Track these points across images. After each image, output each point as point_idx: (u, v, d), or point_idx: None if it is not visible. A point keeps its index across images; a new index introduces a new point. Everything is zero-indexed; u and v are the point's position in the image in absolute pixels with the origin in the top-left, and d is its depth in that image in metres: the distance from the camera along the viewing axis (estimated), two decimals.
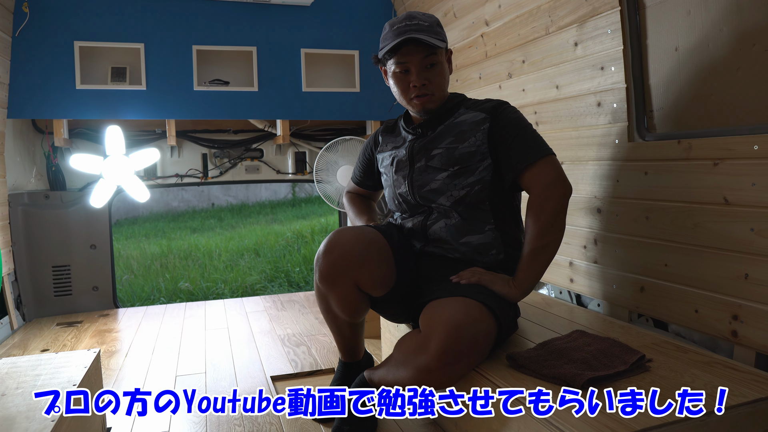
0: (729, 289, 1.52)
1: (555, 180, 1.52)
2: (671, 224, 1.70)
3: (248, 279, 7.13)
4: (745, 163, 1.46)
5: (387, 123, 1.88)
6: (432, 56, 1.60)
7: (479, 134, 1.61)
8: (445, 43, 1.63)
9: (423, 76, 1.60)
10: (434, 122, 1.69)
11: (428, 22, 1.61)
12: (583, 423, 1.12)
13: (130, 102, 3.11)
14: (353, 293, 1.59)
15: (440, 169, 1.64)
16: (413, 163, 1.69)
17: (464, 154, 1.61)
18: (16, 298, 2.99)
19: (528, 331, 1.74)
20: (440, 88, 1.65)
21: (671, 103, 1.76)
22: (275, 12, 3.32)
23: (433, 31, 1.59)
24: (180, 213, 12.72)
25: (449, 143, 1.63)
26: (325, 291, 1.61)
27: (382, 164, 1.83)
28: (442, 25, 1.66)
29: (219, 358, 2.43)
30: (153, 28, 3.12)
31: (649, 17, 1.79)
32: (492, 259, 1.64)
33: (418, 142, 1.69)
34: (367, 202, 2.04)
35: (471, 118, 1.63)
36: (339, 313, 1.66)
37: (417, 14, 1.62)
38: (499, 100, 1.67)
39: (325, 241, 1.59)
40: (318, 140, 3.75)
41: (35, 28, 2.92)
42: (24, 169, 3.16)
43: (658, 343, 1.57)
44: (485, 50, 2.63)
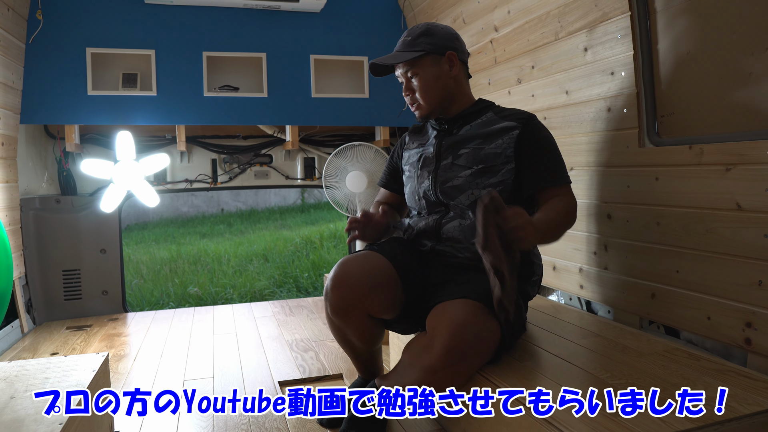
0: (742, 295, 1.50)
1: (574, 207, 1.64)
2: (683, 230, 1.68)
3: (257, 284, 7.14)
4: (758, 168, 1.44)
5: (414, 126, 1.93)
6: (410, 69, 1.69)
7: (507, 138, 1.64)
8: (423, 52, 1.66)
9: (407, 88, 1.72)
10: (460, 121, 1.73)
11: (412, 35, 1.69)
12: (583, 423, 1.11)
13: (140, 108, 3.13)
14: (367, 323, 1.63)
15: (465, 166, 1.67)
16: (439, 161, 1.72)
17: (489, 155, 1.64)
18: (26, 301, 3.01)
19: (538, 337, 1.73)
20: (426, 95, 1.70)
21: (682, 108, 1.74)
22: (285, 18, 3.33)
23: (412, 44, 1.68)
24: (190, 218, 12.79)
25: (477, 144, 1.67)
26: (340, 324, 1.64)
27: (408, 162, 1.85)
28: (431, 32, 1.69)
29: (227, 362, 2.43)
30: (163, 34, 3.14)
31: (660, 22, 1.78)
32: None
33: (446, 140, 1.73)
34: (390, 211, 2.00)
35: (501, 125, 1.67)
36: (357, 343, 1.70)
37: (413, 29, 1.72)
38: (529, 113, 1.71)
39: (331, 275, 1.61)
40: (327, 146, 3.76)
41: (48, 35, 2.95)
42: (36, 173, 3.19)
43: (670, 350, 1.55)
44: (494, 56, 2.63)
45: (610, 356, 1.53)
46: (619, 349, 1.60)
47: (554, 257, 2.30)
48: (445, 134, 1.75)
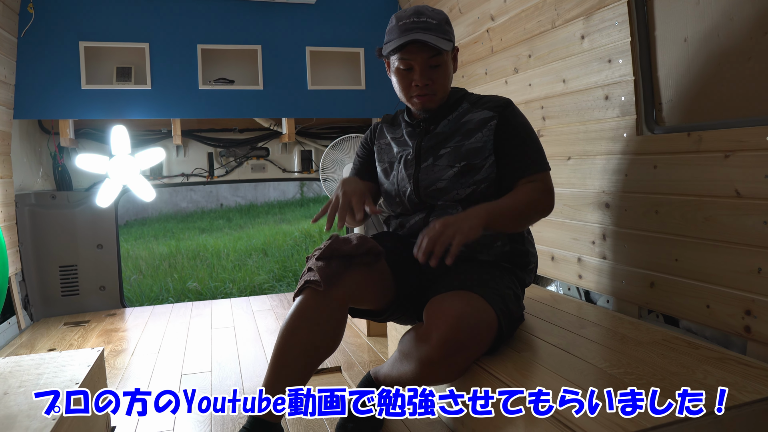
0: (741, 283, 1.48)
1: (546, 193, 1.56)
2: (681, 218, 1.66)
3: (256, 279, 7.13)
4: (758, 155, 1.42)
5: (386, 117, 1.85)
6: (437, 57, 1.55)
7: (486, 131, 1.59)
8: (452, 44, 1.58)
9: (426, 76, 1.56)
10: (438, 117, 1.67)
11: (437, 20, 1.55)
12: (583, 423, 1.10)
13: (135, 102, 3.11)
14: (344, 307, 1.51)
15: (447, 166, 1.61)
16: (420, 162, 1.66)
17: (471, 150, 1.59)
18: (23, 298, 3.00)
19: (536, 327, 1.71)
20: (443, 89, 1.61)
21: (680, 94, 1.72)
22: (280, 10, 3.30)
23: (441, 31, 1.54)
24: (189, 213, 12.77)
25: (457, 141, 1.62)
26: (317, 300, 1.46)
27: (384, 156, 1.77)
28: (450, 23, 1.61)
29: (225, 357, 2.42)
30: (157, 27, 3.12)
31: (657, 8, 1.76)
32: (498, 251, 1.62)
33: (426, 141, 1.66)
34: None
35: (478, 116, 1.62)
36: (318, 335, 1.46)
37: (426, 10, 1.56)
38: (505, 99, 1.64)
39: (324, 245, 1.53)
40: (324, 138, 3.74)
41: (40, 28, 2.92)
42: (31, 169, 3.17)
43: (669, 339, 1.54)
44: (491, 45, 2.60)
45: (609, 346, 1.52)
46: (618, 338, 1.58)
47: (552, 247, 2.29)
48: (424, 132, 1.68)
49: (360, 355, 2.37)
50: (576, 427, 1.08)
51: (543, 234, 2.34)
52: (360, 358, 2.34)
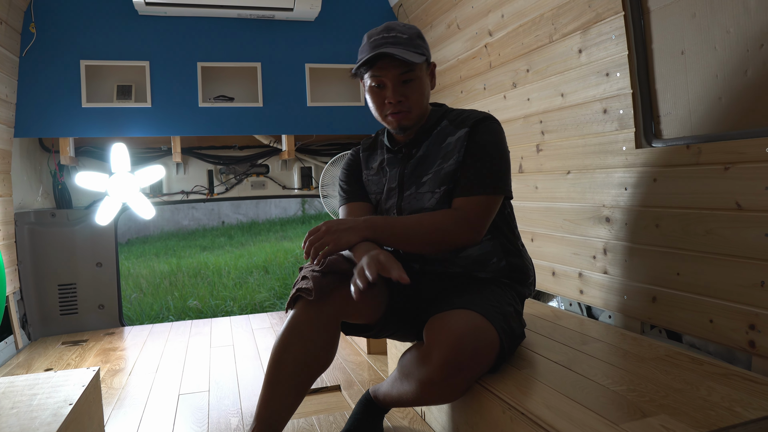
0: (745, 297, 1.46)
1: (461, 222, 1.46)
2: (682, 232, 1.65)
3: (257, 296, 7.09)
4: (758, 167, 1.41)
5: (365, 142, 1.77)
6: (409, 72, 1.49)
7: (460, 149, 1.53)
8: (424, 57, 1.50)
9: (399, 92, 1.50)
10: (420, 140, 1.60)
11: (407, 34, 1.50)
12: (575, 426, 1.07)
13: (135, 119, 3.12)
14: (337, 323, 1.48)
15: (429, 192, 1.56)
16: (402, 191, 1.61)
17: (448, 173, 1.53)
18: (21, 317, 2.98)
19: (537, 344, 1.69)
20: (418, 105, 1.54)
21: (679, 107, 1.71)
22: (279, 28, 3.33)
23: (411, 45, 1.49)
24: (190, 232, 12.78)
25: (438, 165, 1.55)
26: (310, 313, 1.43)
27: (370, 188, 1.72)
28: (423, 37, 1.56)
29: (223, 376, 2.39)
30: (158, 45, 3.14)
31: (654, 21, 1.76)
32: (494, 268, 1.59)
33: (408, 168, 1.61)
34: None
35: (455, 137, 1.55)
36: (310, 352, 1.43)
37: (397, 25, 1.51)
38: (482, 116, 1.55)
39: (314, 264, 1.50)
40: (323, 155, 3.74)
41: (42, 47, 2.95)
42: (31, 187, 3.17)
43: (672, 354, 1.51)
44: (489, 60, 2.61)
45: (611, 362, 1.49)
46: (620, 354, 1.56)
47: (553, 262, 2.26)
48: (406, 158, 1.61)
49: (360, 374, 2.34)
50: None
51: (544, 249, 2.32)
52: (360, 376, 2.31)
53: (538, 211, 2.35)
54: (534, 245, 2.39)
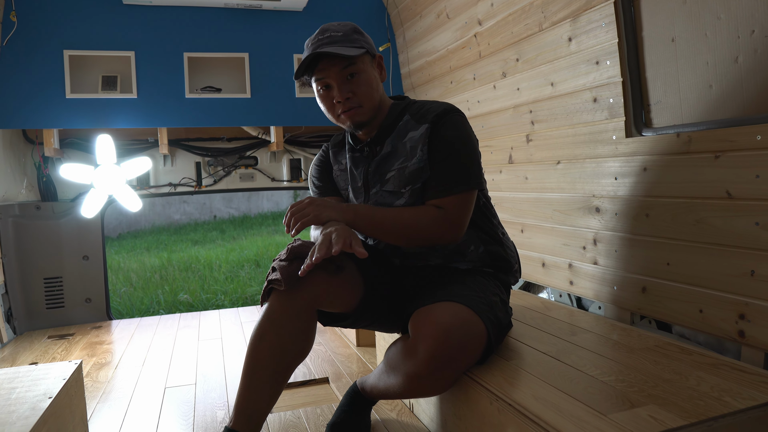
0: (735, 287, 1.45)
1: (440, 222, 1.46)
2: (672, 221, 1.63)
3: (248, 290, 7.06)
4: (748, 155, 1.40)
5: (334, 138, 1.76)
6: (351, 66, 1.47)
7: (424, 147, 1.50)
8: (363, 50, 1.48)
9: (346, 90, 1.48)
10: (382, 137, 1.58)
11: (342, 31, 1.49)
12: (572, 423, 1.05)
13: (121, 111, 3.07)
14: (312, 313, 1.46)
15: (395, 192, 1.54)
16: (368, 189, 1.59)
17: (413, 172, 1.50)
18: (6, 311, 2.94)
19: (527, 335, 1.67)
20: (368, 99, 1.51)
21: (669, 95, 1.70)
22: (267, 18, 3.28)
23: (348, 40, 1.47)
24: (182, 226, 12.71)
25: (401, 162, 1.53)
26: (282, 303, 1.42)
27: (339, 184, 1.72)
28: (361, 31, 1.54)
29: (210, 369, 2.36)
30: (143, 35, 3.08)
31: (644, 8, 1.73)
32: (473, 256, 1.58)
33: (372, 166, 1.58)
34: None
35: (417, 132, 1.52)
36: (287, 345, 1.42)
37: (330, 25, 1.51)
38: (444, 107, 1.52)
39: (286, 250, 1.49)
40: (313, 147, 3.70)
41: (24, 37, 2.88)
42: (15, 180, 3.11)
43: (662, 345, 1.50)
44: (479, 50, 2.58)
45: (600, 353, 1.48)
46: (609, 345, 1.54)
47: (543, 253, 2.25)
48: (370, 156, 1.59)
49: (348, 366, 2.32)
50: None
51: (533, 240, 2.31)
52: (348, 368, 2.29)
53: (528, 201, 2.33)
54: (524, 236, 2.37)
